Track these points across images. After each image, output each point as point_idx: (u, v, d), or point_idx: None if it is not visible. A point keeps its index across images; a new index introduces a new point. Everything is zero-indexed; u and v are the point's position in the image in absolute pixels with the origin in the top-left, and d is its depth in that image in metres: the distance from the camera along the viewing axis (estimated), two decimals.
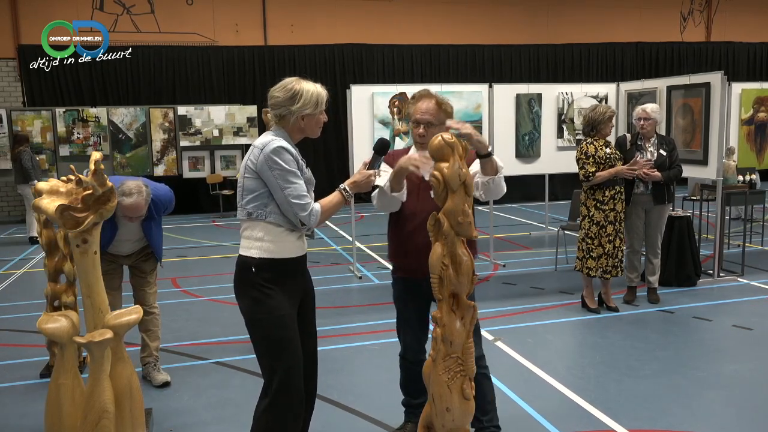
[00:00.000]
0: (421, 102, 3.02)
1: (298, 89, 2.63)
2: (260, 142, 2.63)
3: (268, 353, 2.66)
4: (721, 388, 3.99)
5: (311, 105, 2.64)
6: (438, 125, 2.98)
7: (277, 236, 2.62)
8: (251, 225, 2.65)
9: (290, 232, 2.65)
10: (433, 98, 3.02)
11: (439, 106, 3.00)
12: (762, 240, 8.46)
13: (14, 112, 11.17)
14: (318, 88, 2.67)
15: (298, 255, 2.69)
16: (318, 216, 2.63)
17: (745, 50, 16.02)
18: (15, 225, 11.48)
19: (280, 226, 2.62)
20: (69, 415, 2.85)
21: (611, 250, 5.39)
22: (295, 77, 2.70)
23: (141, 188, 3.75)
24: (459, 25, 14.18)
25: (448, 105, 3.05)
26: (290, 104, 2.63)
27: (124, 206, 3.69)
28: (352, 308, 5.88)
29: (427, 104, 3.00)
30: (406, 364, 3.30)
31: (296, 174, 2.59)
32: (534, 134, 7.53)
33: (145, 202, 3.78)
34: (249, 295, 2.65)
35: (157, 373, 4.17)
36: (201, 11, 12.87)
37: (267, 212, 2.62)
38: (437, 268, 2.38)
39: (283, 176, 2.56)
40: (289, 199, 2.57)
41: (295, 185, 2.57)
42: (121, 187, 3.68)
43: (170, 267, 7.70)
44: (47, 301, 4.22)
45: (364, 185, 2.76)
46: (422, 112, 3.00)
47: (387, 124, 6.99)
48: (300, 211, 2.58)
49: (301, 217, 2.60)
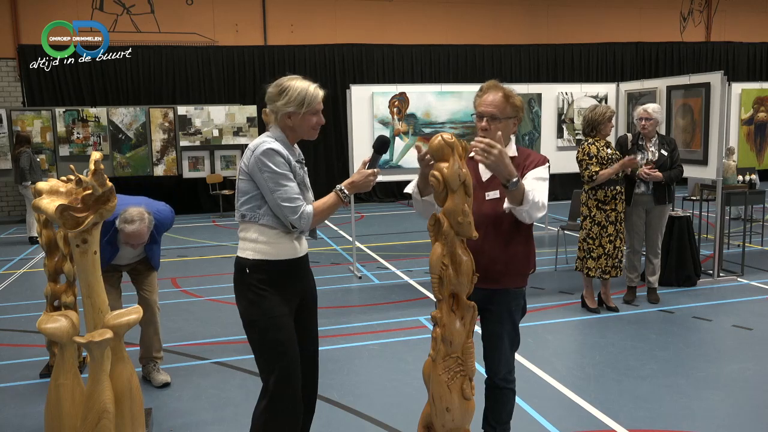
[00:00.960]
0: (488, 94, 2.78)
1: (286, 85, 2.57)
2: (253, 143, 2.59)
3: (265, 355, 2.65)
4: (720, 388, 3.99)
5: (295, 103, 2.56)
6: (504, 119, 2.75)
7: (272, 237, 2.59)
8: (246, 227, 2.64)
9: (285, 234, 2.61)
10: (501, 90, 2.77)
11: (507, 99, 2.76)
12: (762, 240, 8.46)
13: (14, 112, 11.16)
14: (310, 88, 2.59)
15: (294, 256, 2.65)
16: (310, 219, 2.58)
17: (745, 50, 16.02)
18: (15, 225, 11.47)
19: (275, 228, 2.59)
20: (69, 415, 2.85)
21: (611, 251, 5.39)
22: (297, 75, 2.65)
23: (143, 215, 3.71)
24: (459, 25, 14.18)
25: (517, 99, 2.80)
26: (276, 100, 2.59)
27: (126, 233, 3.67)
28: (352, 308, 5.88)
29: (494, 96, 2.75)
30: None
31: (287, 176, 2.54)
32: (534, 134, 7.53)
33: (147, 229, 3.75)
34: (245, 296, 2.64)
35: (157, 373, 4.17)
36: (201, 11, 12.87)
37: (260, 214, 2.59)
38: (437, 268, 2.38)
39: (273, 179, 2.52)
40: (279, 202, 2.53)
41: (285, 188, 2.53)
42: (123, 214, 3.65)
43: (170, 267, 7.70)
44: (47, 301, 4.22)
45: (363, 186, 2.66)
46: (487, 105, 2.75)
47: (387, 124, 7.00)
48: (290, 214, 2.55)
49: (291, 221, 2.56)
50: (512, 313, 2.88)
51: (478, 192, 2.68)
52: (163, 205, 4.08)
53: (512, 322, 2.89)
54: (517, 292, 2.88)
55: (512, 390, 3.00)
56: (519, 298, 2.90)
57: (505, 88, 2.79)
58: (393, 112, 7.01)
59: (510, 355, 2.94)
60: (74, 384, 2.90)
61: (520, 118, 2.84)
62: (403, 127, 7.04)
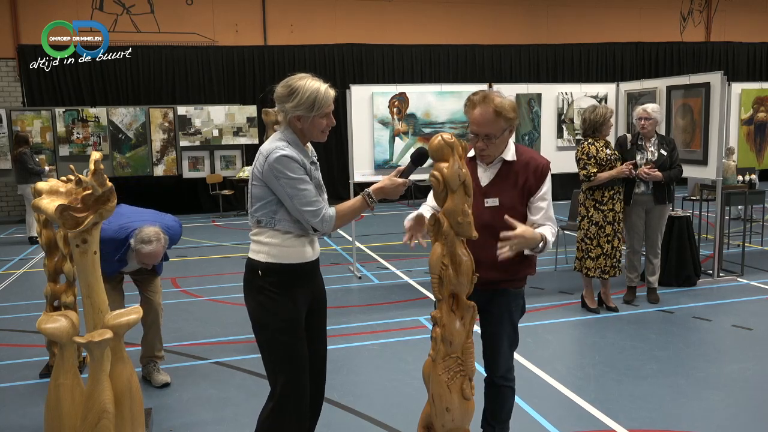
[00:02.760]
0: (476, 109, 2.63)
1: (296, 86, 2.48)
2: (265, 148, 2.53)
3: (273, 358, 2.62)
4: (720, 388, 3.99)
5: (305, 106, 2.48)
6: (499, 135, 2.63)
7: (285, 241, 2.56)
8: (261, 231, 2.59)
9: (298, 237, 2.58)
10: (491, 104, 2.60)
11: (498, 114, 2.60)
12: (762, 240, 8.46)
13: (14, 112, 11.16)
14: (321, 89, 2.50)
15: (307, 260, 2.62)
16: (332, 221, 2.55)
17: (745, 50, 16.02)
18: (15, 225, 11.47)
19: (290, 231, 2.56)
20: (69, 415, 2.85)
21: (609, 251, 5.39)
22: (309, 73, 2.54)
23: (159, 236, 3.70)
24: (458, 25, 14.19)
25: (510, 109, 2.62)
26: (285, 102, 2.51)
27: (143, 254, 3.67)
28: (352, 308, 5.88)
29: (484, 111, 2.60)
30: None
31: (304, 180, 2.50)
32: (534, 134, 7.53)
33: (163, 248, 3.75)
34: (256, 299, 2.60)
35: (157, 373, 4.17)
36: (201, 11, 12.87)
37: (276, 220, 2.55)
38: (437, 268, 2.38)
39: (291, 184, 2.47)
40: (299, 207, 2.49)
41: (304, 192, 2.49)
42: (140, 235, 3.65)
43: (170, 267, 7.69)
44: (47, 301, 4.22)
45: (392, 193, 2.58)
46: (480, 123, 2.62)
47: (387, 125, 7.00)
48: (311, 218, 2.51)
49: (313, 224, 2.53)
50: (512, 314, 2.89)
51: (477, 197, 2.61)
52: (172, 220, 4.07)
53: (511, 322, 2.90)
54: (516, 293, 2.89)
55: (511, 388, 3.00)
56: (518, 298, 2.91)
57: (495, 99, 2.61)
58: (393, 112, 7.01)
59: (509, 354, 2.95)
60: (74, 384, 2.89)
61: (515, 124, 2.71)
62: (403, 127, 7.04)
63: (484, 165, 2.76)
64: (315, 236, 2.65)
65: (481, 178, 2.74)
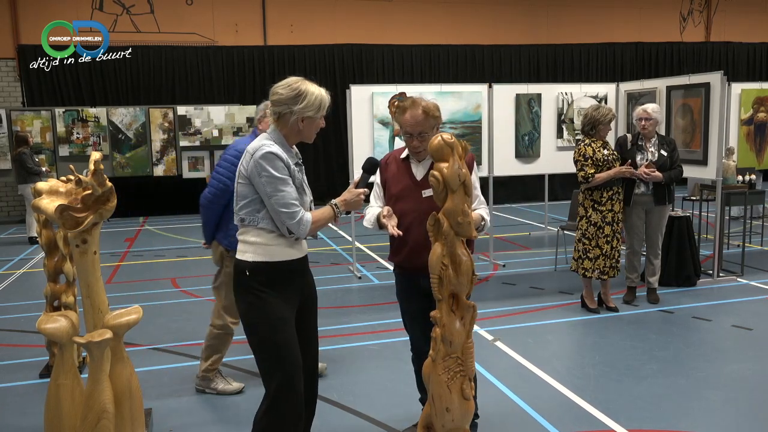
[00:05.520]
0: (407, 113, 2.97)
1: (303, 89, 2.58)
2: (252, 146, 2.58)
3: (266, 357, 2.63)
4: (720, 388, 3.99)
5: (314, 108, 2.59)
6: (430, 132, 2.96)
7: (271, 240, 2.58)
8: (245, 230, 2.62)
9: (283, 236, 2.60)
10: (419, 106, 2.95)
11: (427, 114, 2.95)
12: (762, 240, 8.46)
13: (14, 112, 11.16)
14: (322, 92, 2.63)
15: (293, 258, 2.64)
16: (308, 226, 2.58)
17: (745, 50, 16.02)
18: (15, 225, 11.47)
19: (273, 231, 2.58)
20: (69, 415, 2.85)
21: (609, 251, 5.39)
22: (300, 77, 2.65)
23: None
24: (458, 25, 14.19)
25: (435, 110, 2.99)
26: (293, 104, 2.57)
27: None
28: (352, 308, 5.88)
29: (415, 113, 2.95)
30: (419, 360, 3.24)
31: (285, 181, 2.53)
32: (534, 134, 7.53)
33: None
34: (245, 299, 2.62)
35: (226, 384, 4.09)
36: (201, 11, 12.87)
37: (259, 218, 2.58)
38: (437, 268, 2.38)
39: (272, 183, 2.51)
40: (276, 208, 2.52)
41: (283, 193, 2.52)
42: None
43: (170, 267, 7.70)
44: (47, 301, 4.22)
45: (354, 204, 2.73)
46: (413, 124, 2.96)
47: (387, 124, 7.00)
48: (287, 219, 2.54)
49: (288, 226, 2.55)
50: None
51: (415, 190, 3.02)
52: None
53: None
54: None
55: None
56: None
57: (422, 103, 2.98)
58: (393, 112, 7.01)
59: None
60: (74, 384, 2.89)
61: (440, 123, 3.07)
62: None
63: (417, 162, 3.09)
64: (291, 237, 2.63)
65: (416, 173, 3.06)
